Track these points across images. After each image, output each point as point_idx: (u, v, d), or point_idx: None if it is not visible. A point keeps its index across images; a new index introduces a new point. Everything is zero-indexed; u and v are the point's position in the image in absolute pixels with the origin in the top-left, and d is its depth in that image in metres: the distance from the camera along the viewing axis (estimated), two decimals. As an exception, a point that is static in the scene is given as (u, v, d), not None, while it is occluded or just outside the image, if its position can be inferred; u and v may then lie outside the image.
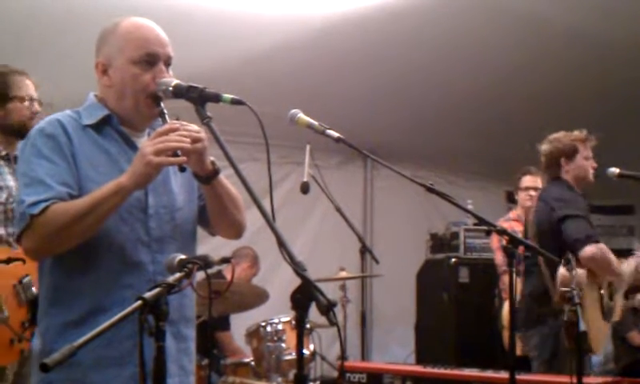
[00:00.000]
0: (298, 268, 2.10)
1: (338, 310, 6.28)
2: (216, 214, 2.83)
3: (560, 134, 5.17)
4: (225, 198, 2.76)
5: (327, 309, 2.03)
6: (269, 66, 6.45)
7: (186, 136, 2.51)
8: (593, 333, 3.97)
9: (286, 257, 2.15)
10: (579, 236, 4.73)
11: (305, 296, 2.12)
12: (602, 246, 4.65)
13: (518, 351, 5.68)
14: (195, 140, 2.53)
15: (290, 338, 5.61)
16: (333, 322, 2.05)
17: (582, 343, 3.65)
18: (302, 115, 3.20)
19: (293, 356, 5.54)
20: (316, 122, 3.19)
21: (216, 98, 2.51)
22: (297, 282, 2.12)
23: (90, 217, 2.47)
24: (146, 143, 2.51)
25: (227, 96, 2.51)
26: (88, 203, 2.48)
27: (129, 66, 2.64)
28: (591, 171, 5.06)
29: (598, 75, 6.79)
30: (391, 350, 8.62)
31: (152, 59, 2.65)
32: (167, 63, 2.69)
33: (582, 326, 3.58)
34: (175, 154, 2.47)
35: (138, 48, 2.64)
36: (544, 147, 5.19)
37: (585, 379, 3.83)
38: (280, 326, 5.63)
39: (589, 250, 4.65)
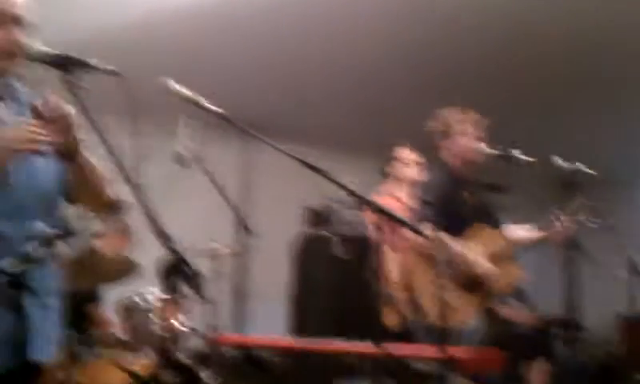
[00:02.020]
0: (167, 241, 2.08)
1: (211, 283, 6.24)
2: (81, 189, 2.76)
3: (441, 112, 5.23)
4: (89, 174, 2.70)
5: (195, 282, 2.01)
6: (147, 34, 6.32)
7: (50, 121, 2.43)
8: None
9: (155, 229, 2.12)
10: None
11: (174, 269, 2.10)
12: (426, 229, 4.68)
13: (392, 323, 5.79)
14: (59, 119, 2.45)
15: (162, 310, 5.56)
16: (202, 295, 2.04)
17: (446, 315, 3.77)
18: (174, 85, 3.14)
19: (165, 329, 5.50)
20: (190, 93, 3.14)
21: (85, 66, 2.44)
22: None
23: None
24: (9, 130, 2.43)
25: (97, 64, 2.45)
26: None
27: None
28: (470, 149, 5.11)
29: (482, 55, 6.88)
30: (267, 323, 8.62)
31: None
32: (18, 23, 2.58)
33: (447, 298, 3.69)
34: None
35: None
36: (428, 126, 5.26)
37: (450, 350, 3.95)
38: (151, 299, 5.58)
39: (405, 234, 4.87)
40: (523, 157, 5.01)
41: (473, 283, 5.01)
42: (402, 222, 3.91)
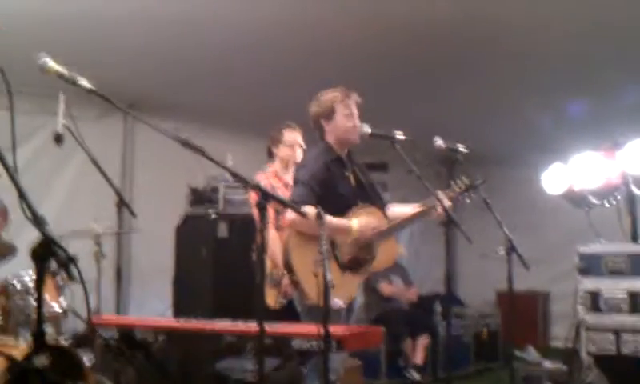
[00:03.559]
0: (38, 222, 2.05)
1: (92, 265, 6.15)
2: None
3: (322, 94, 5.25)
4: None
5: (66, 263, 1.99)
6: (21, 8, 6.12)
7: None
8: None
9: (26, 210, 2.09)
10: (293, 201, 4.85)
11: (44, 250, 2.07)
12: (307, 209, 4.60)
13: (272, 303, 5.83)
14: None
15: (43, 293, 5.44)
16: (72, 277, 2.02)
17: (327, 294, 3.82)
18: (51, 62, 3.06)
19: (46, 311, 5.41)
20: (67, 71, 3.07)
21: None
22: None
23: None
24: None
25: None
26: None
27: None
28: (353, 130, 5.15)
29: (375, 34, 6.88)
30: (150, 305, 8.56)
31: None
32: None
33: (329, 277, 3.75)
34: None
35: None
36: (309, 108, 5.28)
37: (333, 329, 4.01)
38: (29, 282, 5.46)
39: (288, 215, 4.84)
40: (402, 136, 5.08)
41: (355, 262, 5.07)
42: (281, 202, 3.94)
